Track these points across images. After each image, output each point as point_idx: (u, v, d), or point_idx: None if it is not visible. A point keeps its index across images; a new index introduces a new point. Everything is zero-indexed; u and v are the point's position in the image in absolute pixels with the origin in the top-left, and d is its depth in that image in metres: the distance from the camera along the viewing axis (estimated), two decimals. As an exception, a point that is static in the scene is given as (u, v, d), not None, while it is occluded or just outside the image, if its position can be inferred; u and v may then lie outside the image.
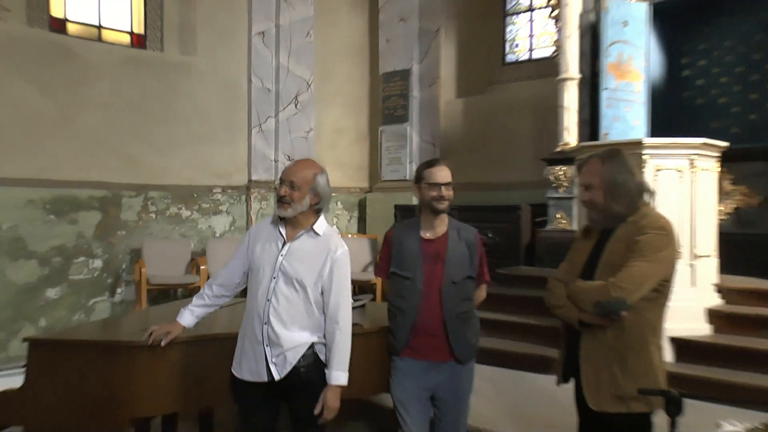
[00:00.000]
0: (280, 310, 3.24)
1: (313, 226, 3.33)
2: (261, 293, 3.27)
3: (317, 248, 3.30)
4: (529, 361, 5.60)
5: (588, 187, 3.06)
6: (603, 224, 3.07)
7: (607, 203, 2.99)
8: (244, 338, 3.35)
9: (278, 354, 3.24)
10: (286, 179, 3.28)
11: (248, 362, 3.31)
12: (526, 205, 8.02)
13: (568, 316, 3.05)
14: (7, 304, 7.23)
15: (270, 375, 3.26)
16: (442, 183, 3.59)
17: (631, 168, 3.02)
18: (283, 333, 3.23)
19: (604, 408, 2.96)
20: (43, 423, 3.53)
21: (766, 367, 4.86)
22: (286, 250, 3.29)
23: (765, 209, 6.63)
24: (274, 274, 3.26)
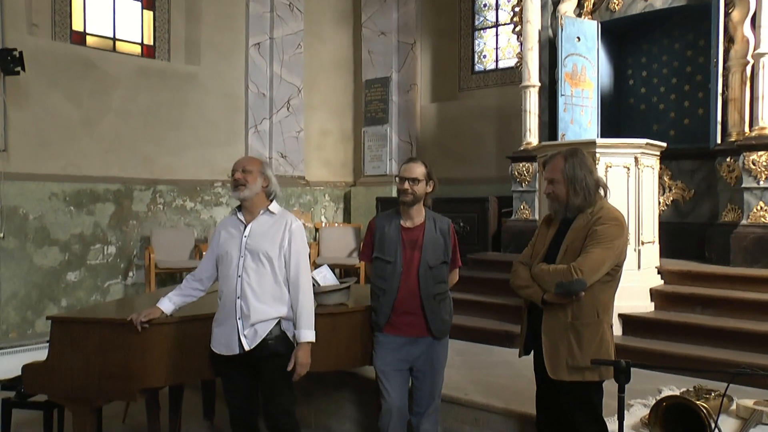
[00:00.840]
0: (252, 283, 3.26)
1: (269, 207, 3.38)
2: (232, 272, 3.29)
3: (275, 224, 3.35)
4: (494, 335, 5.60)
5: (551, 181, 3.07)
6: (564, 214, 3.09)
7: (568, 196, 3.01)
8: (218, 317, 3.35)
9: (250, 326, 3.24)
10: (239, 168, 3.34)
11: (222, 336, 3.32)
12: (493, 198, 8.02)
13: (532, 296, 3.06)
14: (34, 285, 7.17)
15: (241, 347, 3.25)
16: (406, 177, 3.57)
17: (590, 165, 3.05)
18: (254, 305, 3.24)
19: (561, 377, 2.97)
20: (65, 392, 3.50)
21: (700, 339, 4.90)
22: (248, 231, 3.32)
23: (697, 201, 6.68)
24: (241, 253, 3.29)
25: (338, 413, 4.69)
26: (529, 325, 3.18)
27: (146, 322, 3.35)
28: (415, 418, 3.72)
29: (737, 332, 4.78)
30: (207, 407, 5.01)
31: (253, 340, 3.25)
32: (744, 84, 6.02)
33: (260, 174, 3.34)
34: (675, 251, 6.28)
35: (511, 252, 7.26)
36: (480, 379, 4.43)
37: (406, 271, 3.57)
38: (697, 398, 3.29)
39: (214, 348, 3.36)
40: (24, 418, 4.57)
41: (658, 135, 6.83)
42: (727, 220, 6.10)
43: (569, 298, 2.90)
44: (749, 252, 5.69)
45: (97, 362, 3.40)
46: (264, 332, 3.26)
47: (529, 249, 3.27)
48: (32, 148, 7.20)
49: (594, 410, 3.01)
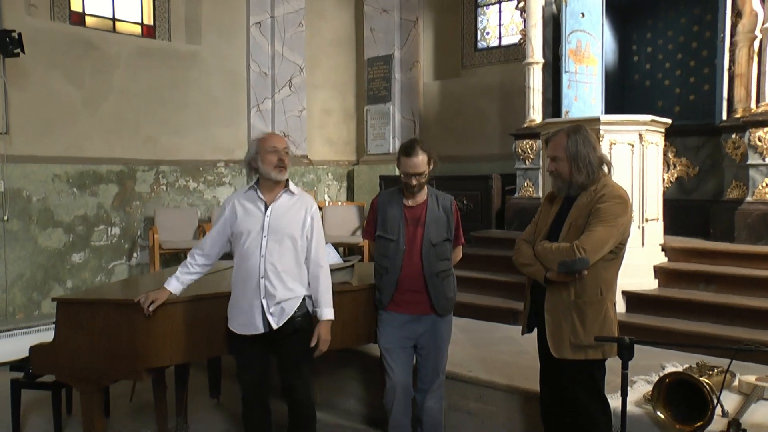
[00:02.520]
0: (275, 263, 3.26)
1: (289, 187, 3.38)
2: (254, 252, 3.28)
3: (296, 205, 3.37)
4: (498, 312, 5.63)
5: (554, 158, 3.04)
6: (567, 192, 3.06)
7: (571, 174, 2.99)
8: (238, 296, 3.36)
9: (275, 305, 3.27)
10: (282, 148, 3.34)
11: (244, 317, 3.32)
12: (496, 175, 8.00)
13: (535, 274, 3.05)
14: (39, 267, 7.21)
15: (267, 326, 3.28)
16: (411, 173, 3.55)
17: (594, 142, 3.01)
18: (278, 285, 3.26)
19: (564, 355, 2.98)
20: (72, 372, 3.53)
21: (704, 316, 4.92)
22: (270, 211, 3.31)
23: (702, 178, 6.67)
24: (264, 233, 3.28)
25: (343, 391, 4.73)
26: (532, 302, 3.18)
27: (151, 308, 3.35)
28: (420, 395, 3.76)
29: (741, 309, 4.80)
30: (213, 385, 5.06)
31: (280, 318, 3.29)
32: (751, 59, 5.98)
33: (290, 158, 3.39)
34: (679, 228, 6.29)
35: (515, 229, 7.27)
36: (484, 356, 4.46)
37: (409, 249, 3.59)
38: (699, 374, 3.32)
39: (235, 329, 3.37)
40: (33, 398, 4.64)
41: (662, 111, 6.79)
42: (732, 197, 6.09)
43: (572, 276, 2.89)
44: (754, 229, 5.69)
45: (102, 342, 3.42)
46: (291, 310, 3.30)
47: (532, 226, 3.26)
48: (34, 130, 7.19)
49: (596, 387, 3.02)
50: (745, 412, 3.10)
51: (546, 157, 3.16)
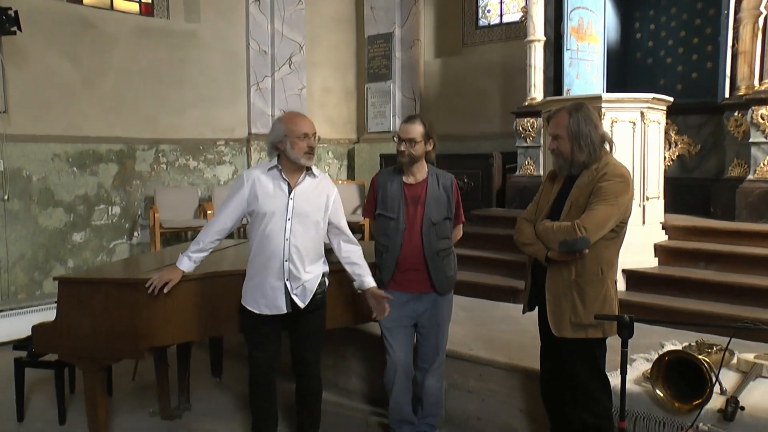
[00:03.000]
0: (299, 246, 3.29)
1: (312, 170, 3.38)
2: (277, 234, 3.28)
3: (318, 188, 3.39)
4: (499, 291, 5.65)
5: (555, 137, 3.02)
6: (568, 171, 3.05)
7: (573, 152, 2.97)
8: (259, 277, 3.34)
9: (299, 286, 3.31)
10: (313, 135, 3.30)
11: (266, 299, 3.33)
12: (497, 154, 7.99)
13: (536, 253, 3.05)
14: (40, 247, 7.23)
15: (290, 306, 3.33)
16: (402, 137, 3.54)
17: (595, 120, 2.99)
18: (301, 267, 3.31)
19: (565, 334, 2.99)
20: (74, 351, 3.55)
21: (703, 293, 4.93)
22: (294, 194, 3.30)
23: (703, 157, 6.66)
24: (288, 216, 3.28)
25: (344, 369, 4.76)
26: (533, 281, 3.19)
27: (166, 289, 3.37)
28: (420, 374, 3.78)
29: (741, 287, 4.81)
30: (215, 364, 5.09)
31: (305, 297, 3.34)
32: (755, 36, 5.93)
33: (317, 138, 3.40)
34: (680, 207, 6.29)
35: (516, 208, 7.28)
36: (484, 334, 4.48)
37: (409, 228, 3.59)
38: (698, 352, 3.33)
39: (253, 308, 3.37)
40: (36, 376, 4.66)
41: (665, 89, 6.77)
42: (733, 175, 6.08)
43: (573, 255, 2.89)
44: (755, 207, 5.69)
45: (104, 322, 3.44)
46: (313, 287, 3.37)
47: (533, 205, 3.25)
48: (33, 109, 7.17)
49: (597, 366, 3.03)
50: (744, 389, 3.12)
51: (547, 135, 3.14)
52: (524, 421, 3.81)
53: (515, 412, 3.85)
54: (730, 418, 2.88)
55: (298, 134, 3.25)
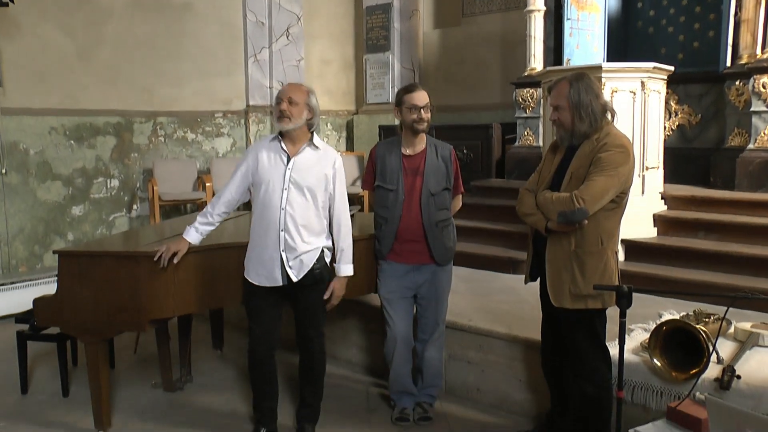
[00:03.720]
0: (296, 216, 3.26)
1: (313, 141, 3.34)
2: (274, 204, 3.27)
3: (320, 159, 3.33)
4: (498, 262, 5.67)
5: (556, 107, 3.01)
6: (569, 141, 3.04)
7: (573, 122, 2.95)
8: (257, 248, 3.35)
9: (294, 258, 3.28)
10: (284, 97, 3.27)
11: (264, 269, 3.33)
12: (496, 125, 7.94)
13: (536, 223, 3.06)
14: (39, 220, 7.23)
15: (286, 278, 3.30)
16: (420, 105, 3.55)
17: (596, 90, 2.97)
18: (298, 238, 3.27)
19: (564, 304, 3.01)
20: (75, 324, 3.58)
21: (702, 264, 4.95)
22: (292, 164, 3.28)
23: (704, 126, 6.63)
24: (285, 185, 3.26)
25: (344, 341, 4.80)
26: (535, 252, 3.19)
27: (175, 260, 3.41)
28: (420, 345, 3.81)
29: (739, 257, 4.83)
30: (216, 337, 5.14)
31: (300, 270, 3.30)
32: (759, 4, 5.85)
33: (306, 106, 3.30)
34: (680, 176, 6.28)
35: (515, 179, 7.27)
36: (484, 305, 4.51)
37: (408, 199, 3.60)
38: (696, 322, 3.36)
39: (253, 279, 3.38)
40: (39, 349, 4.71)
41: (666, 59, 6.71)
42: (734, 144, 6.07)
43: (572, 226, 2.89)
44: (754, 176, 5.68)
45: (105, 295, 3.46)
46: (311, 262, 3.32)
47: (535, 176, 3.25)
48: (28, 82, 7.11)
49: (597, 337, 3.05)
50: (740, 358, 3.15)
51: (548, 105, 3.13)
52: (524, 392, 3.85)
53: (515, 382, 3.89)
54: (727, 387, 2.91)
55: (276, 101, 3.32)
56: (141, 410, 4.07)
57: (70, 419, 3.93)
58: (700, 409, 2.66)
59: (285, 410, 3.81)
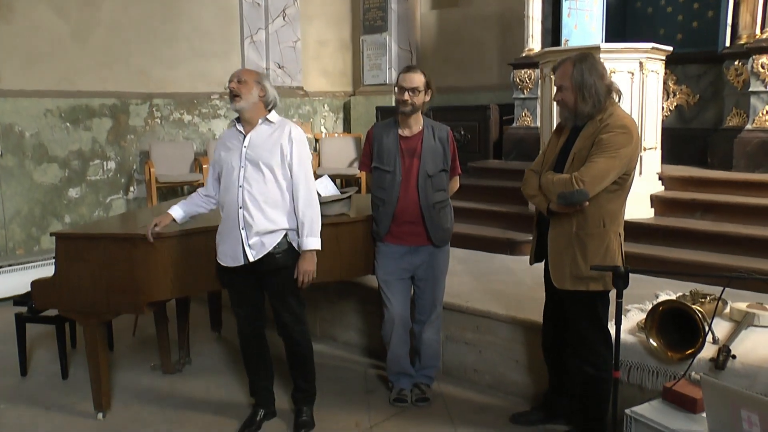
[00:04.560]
0: (254, 192, 3.25)
1: (268, 117, 3.34)
2: (233, 182, 3.28)
3: (275, 133, 3.31)
4: (496, 243, 5.67)
5: (560, 88, 2.99)
6: (573, 122, 3.02)
7: (576, 103, 2.93)
8: (223, 228, 3.37)
9: (254, 237, 3.25)
10: (233, 78, 3.30)
11: (227, 247, 3.35)
12: (494, 106, 7.93)
13: (539, 204, 3.06)
14: (36, 202, 7.22)
15: (246, 257, 3.29)
16: (406, 87, 3.53)
17: (601, 70, 2.94)
18: (257, 215, 3.25)
19: (565, 286, 3.01)
20: (74, 306, 3.59)
21: (699, 244, 4.95)
22: (247, 141, 3.30)
23: (702, 107, 6.61)
24: (241, 163, 3.27)
25: (342, 323, 4.82)
26: (539, 233, 3.20)
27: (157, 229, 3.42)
28: (418, 326, 3.83)
29: (736, 237, 4.84)
30: (214, 319, 5.15)
31: (259, 251, 3.27)
32: (760, -18, 5.83)
33: (256, 84, 3.29)
34: (677, 157, 6.27)
35: (513, 160, 7.26)
36: (481, 286, 4.52)
37: (405, 181, 3.59)
38: (692, 302, 3.38)
39: (221, 260, 3.41)
40: (38, 331, 4.72)
41: (664, 39, 6.68)
42: (732, 125, 6.05)
43: (572, 208, 2.89)
44: (752, 157, 5.68)
45: (103, 277, 3.47)
46: (271, 245, 3.27)
47: (540, 157, 3.24)
48: (23, 65, 7.07)
49: (599, 320, 3.05)
50: (735, 338, 3.17)
51: (553, 85, 3.10)
52: (521, 373, 3.88)
53: (512, 363, 3.91)
54: (722, 367, 2.93)
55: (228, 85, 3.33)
56: (140, 392, 4.10)
57: (69, 401, 3.96)
58: (695, 389, 2.68)
59: (284, 393, 3.84)
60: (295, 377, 3.63)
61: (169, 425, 3.67)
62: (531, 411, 3.61)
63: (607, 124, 2.88)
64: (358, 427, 3.60)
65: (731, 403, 2.29)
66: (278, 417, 3.68)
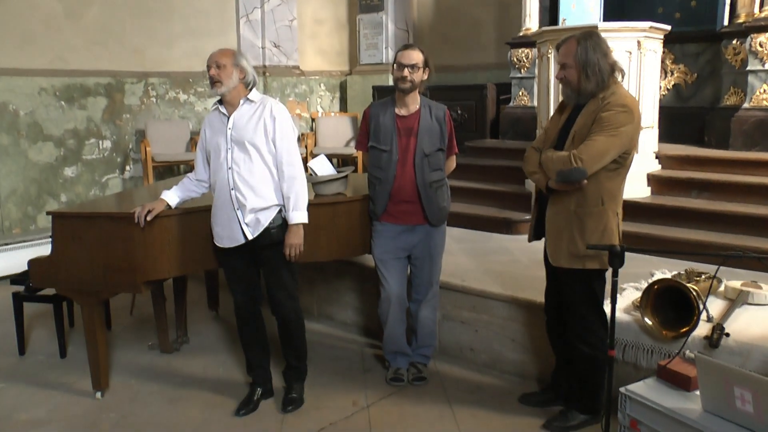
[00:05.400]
0: (243, 173, 3.26)
1: (248, 96, 3.33)
2: (222, 164, 3.30)
3: (256, 111, 3.31)
4: (493, 222, 5.67)
5: (563, 65, 2.98)
6: (576, 100, 3.02)
7: (579, 81, 2.93)
8: (217, 210, 3.38)
9: (250, 215, 3.28)
10: (212, 63, 3.28)
11: (223, 229, 3.36)
12: (491, 85, 7.89)
13: (539, 182, 3.07)
14: (32, 181, 7.19)
15: (244, 236, 3.31)
16: (405, 64, 3.52)
17: (605, 49, 2.93)
18: (249, 195, 3.26)
19: (561, 264, 3.03)
20: (71, 285, 3.59)
21: (695, 223, 4.96)
22: (231, 122, 3.30)
23: (699, 85, 6.59)
24: (228, 145, 3.29)
25: (339, 302, 4.83)
26: (539, 211, 3.20)
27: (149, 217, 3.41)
28: (414, 305, 3.85)
29: (732, 215, 4.84)
30: (211, 297, 5.17)
31: (255, 228, 3.30)
32: (758, -39, 5.80)
33: (234, 66, 3.27)
34: (674, 136, 6.27)
35: (510, 139, 7.24)
36: (478, 265, 4.53)
37: (402, 160, 3.59)
38: (687, 281, 3.39)
39: (217, 242, 3.42)
40: (35, 310, 4.73)
41: (663, 18, 6.63)
42: (729, 103, 6.05)
43: (571, 185, 2.89)
44: (749, 135, 5.68)
45: (100, 256, 3.47)
46: (267, 220, 3.30)
47: (542, 134, 3.24)
48: (16, 43, 7.00)
49: (594, 298, 3.07)
50: (729, 316, 3.19)
51: (556, 63, 3.10)
52: (517, 352, 3.90)
53: (508, 342, 3.93)
54: (716, 345, 2.95)
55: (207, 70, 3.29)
56: (138, 371, 4.12)
57: (67, 380, 3.98)
58: (689, 367, 2.70)
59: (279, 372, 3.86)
60: (286, 354, 3.65)
61: (167, 404, 3.69)
62: (540, 392, 3.61)
63: (609, 102, 2.88)
64: (355, 406, 3.62)
65: (724, 381, 2.32)
66: (275, 395, 3.69)
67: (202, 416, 3.53)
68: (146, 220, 3.39)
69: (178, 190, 3.55)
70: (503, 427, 3.36)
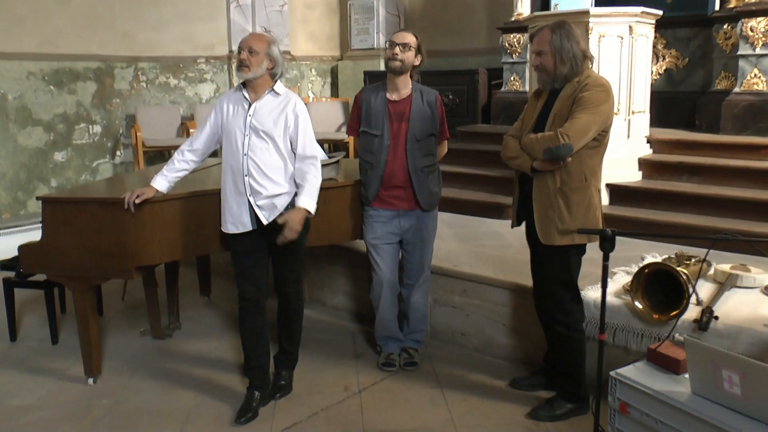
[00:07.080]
0: (257, 161, 3.24)
1: (274, 87, 3.30)
2: (237, 150, 3.26)
3: (280, 105, 3.29)
4: (484, 207, 5.68)
5: (539, 53, 3.09)
6: (552, 85, 3.12)
7: (555, 66, 3.04)
8: (227, 196, 3.34)
9: (264, 200, 3.26)
10: (245, 47, 3.24)
11: (232, 216, 3.33)
12: (482, 70, 7.88)
13: (522, 165, 3.13)
14: (21, 166, 7.15)
15: (256, 222, 3.29)
16: (396, 42, 3.51)
17: (577, 36, 3.07)
18: (264, 182, 3.25)
19: (553, 241, 3.09)
20: (62, 271, 3.57)
21: (685, 207, 4.99)
22: (252, 110, 3.26)
23: (690, 70, 6.60)
24: (246, 132, 3.25)
25: (331, 286, 4.83)
26: (521, 194, 3.24)
27: (139, 204, 3.38)
28: (406, 290, 3.85)
29: (722, 199, 4.87)
30: (203, 284, 5.16)
31: (271, 212, 3.27)
32: (750, -55, 5.78)
33: (266, 56, 3.23)
34: (665, 120, 6.29)
35: (501, 124, 7.23)
36: (469, 250, 4.54)
37: (394, 145, 3.58)
38: (677, 264, 3.41)
39: (226, 229, 3.37)
40: (26, 296, 4.71)
41: (654, 3, 6.61)
42: (720, 87, 6.06)
43: (557, 163, 2.97)
44: (739, 119, 5.69)
45: (91, 241, 3.45)
46: (282, 206, 3.28)
47: (518, 122, 3.31)
48: (3, 26, 6.94)
49: (569, 277, 3.15)
50: (718, 299, 3.21)
51: (531, 52, 3.17)
52: (508, 336, 3.91)
53: (499, 326, 3.94)
54: (705, 328, 2.98)
55: (237, 51, 3.28)
56: (130, 357, 4.11)
57: (59, 366, 3.97)
58: (679, 350, 2.71)
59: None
60: (281, 337, 3.63)
61: (159, 389, 3.69)
62: (531, 375, 3.63)
63: (587, 84, 3.01)
64: (347, 391, 3.63)
65: (713, 363, 2.33)
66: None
67: (194, 401, 3.53)
68: (135, 204, 3.37)
69: (170, 173, 3.47)
70: (494, 411, 3.37)
